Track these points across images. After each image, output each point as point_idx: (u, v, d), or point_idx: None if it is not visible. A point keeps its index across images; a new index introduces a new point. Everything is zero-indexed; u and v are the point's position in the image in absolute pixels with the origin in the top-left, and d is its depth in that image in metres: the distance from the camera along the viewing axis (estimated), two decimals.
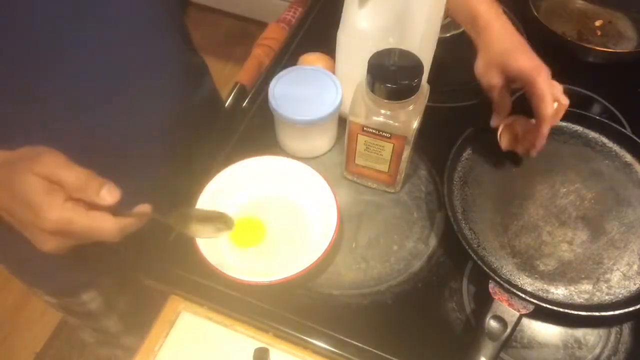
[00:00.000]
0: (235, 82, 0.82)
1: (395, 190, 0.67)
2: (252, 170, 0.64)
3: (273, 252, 0.61)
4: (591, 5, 0.90)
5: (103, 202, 0.43)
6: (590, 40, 0.84)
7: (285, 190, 0.65)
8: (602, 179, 0.67)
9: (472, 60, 0.66)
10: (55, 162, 0.43)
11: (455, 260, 0.62)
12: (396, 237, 0.64)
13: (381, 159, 0.62)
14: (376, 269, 0.61)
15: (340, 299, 0.59)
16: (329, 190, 0.62)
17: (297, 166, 0.64)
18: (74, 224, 0.42)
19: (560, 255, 0.61)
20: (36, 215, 0.42)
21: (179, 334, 0.58)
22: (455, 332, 0.57)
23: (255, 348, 0.55)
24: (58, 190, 0.42)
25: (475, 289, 0.60)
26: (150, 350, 0.57)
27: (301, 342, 0.56)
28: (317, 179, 0.63)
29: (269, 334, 0.58)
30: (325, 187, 0.62)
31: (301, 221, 0.63)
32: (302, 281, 0.58)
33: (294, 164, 0.64)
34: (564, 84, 0.80)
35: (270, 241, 0.62)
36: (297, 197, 0.65)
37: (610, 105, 0.78)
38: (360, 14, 0.59)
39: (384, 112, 0.57)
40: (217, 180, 0.62)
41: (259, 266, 0.59)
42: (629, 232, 0.62)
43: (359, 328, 0.57)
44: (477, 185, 0.67)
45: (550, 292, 0.58)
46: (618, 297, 0.58)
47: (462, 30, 0.85)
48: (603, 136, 0.70)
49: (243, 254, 0.61)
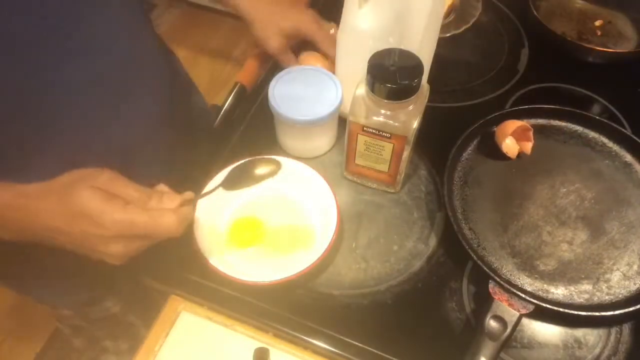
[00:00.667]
0: (235, 82, 0.82)
1: (395, 190, 0.67)
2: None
3: (273, 252, 0.61)
4: (591, 5, 0.90)
5: (167, 206, 0.45)
6: (590, 40, 0.84)
7: (285, 190, 0.65)
8: (602, 179, 0.67)
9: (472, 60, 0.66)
10: (113, 178, 0.44)
11: (455, 260, 0.62)
12: (396, 237, 0.64)
13: (381, 159, 0.62)
14: (376, 269, 0.61)
15: (340, 299, 0.59)
16: (329, 190, 0.62)
17: (297, 166, 0.64)
18: (136, 224, 0.43)
19: (560, 255, 0.61)
20: (97, 223, 0.42)
21: (179, 334, 0.58)
22: (455, 332, 0.57)
23: (255, 348, 0.55)
24: (117, 197, 0.43)
25: (475, 289, 0.60)
26: (150, 350, 0.57)
27: (301, 342, 0.56)
28: (317, 179, 0.63)
29: (269, 334, 0.58)
30: (325, 187, 0.62)
31: (301, 221, 0.63)
32: (302, 281, 0.58)
33: (294, 164, 0.64)
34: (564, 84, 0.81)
35: (270, 241, 0.62)
36: (297, 197, 0.65)
37: (610, 105, 0.78)
38: (360, 14, 0.59)
39: (384, 112, 0.57)
40: (217, 180, 0.62)
41: (259, 266, 0.59)
42: (629, 232, 0.62)
43: (359, 328, 0.57)
44: (477, 185, 0.67)
45: (550, 292, 0.58)
46: (618, 297, 0.58)
47: (462, 30, 0.86)
48: (603, 136, 0.70)
49: (243, 254, 0.61)
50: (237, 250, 0.61)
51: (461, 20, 0.87)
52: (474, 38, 0.87)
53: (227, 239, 0.61)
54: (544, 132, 0.71)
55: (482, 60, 0.84)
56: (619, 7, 0.88)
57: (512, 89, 0.80)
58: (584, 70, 0.82)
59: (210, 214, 0.60)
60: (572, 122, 0.71)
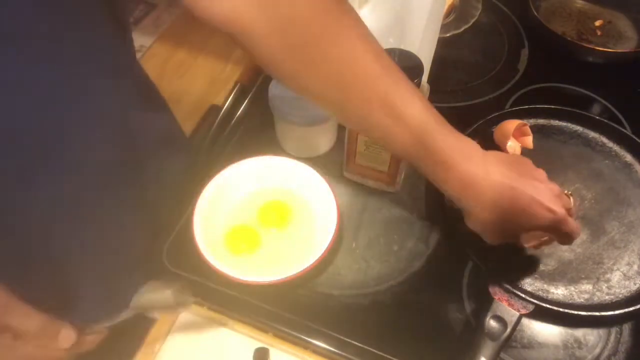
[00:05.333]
0: (235, 82, 0.82)
1: (395, 190, 0.67)
2: (252, 170, 0.64)
3: (273, 252, 0.61)
4: (591, 5, 0.90)
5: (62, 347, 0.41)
6: (590, 40, 0.84)
7: (285, 190, 0.65)
8: (602, 179, 0.67)
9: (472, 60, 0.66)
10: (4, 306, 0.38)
11: (455, 260, 0.62)
12: (396, 237, 0.64)
13: (381, 158, 0.62)
14: (376, 269, 0.61)
15: (340, 299, 0.59)
16: (329, 190, 0.62)
17: (297, 166, 0.64)
18: None
19: (560, 255, 0.61)
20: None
21: (179, 334, 0.58)
22: (455, 332, 0.57)
23: (255, 348, 0.55)
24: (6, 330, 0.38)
25: (475, 289, 0.60)
26: (150, 350, 0.57)
27: (301, 342, 0.56)
28: (317, 179, 0.63)
29: (269, 334, 0.58)
30: (325, 187, 0.62)
31: (301, 221, 0.63)
32: (302, 281, 0.58)
33: (294, 163, 0.64)
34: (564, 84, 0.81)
35: (269, 241, 0.61)
36: (297, 197, 0.65)
37: (610, 105, 0.78)
38: (360, 14, 0.59)
39: None
40: (217, 180, 0.62)
41: (258, 266, 0.59)
42: (629, 232, 0.62)
43: (359, 328, 0.57)
44: None
45: (550, 292, 0.58)
46: (618, 297, 0.58)
47: (462, 30, 0.86)
48: (603, 136, 0.70)
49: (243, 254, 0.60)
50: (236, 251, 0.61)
51: (461, 20, 0.87)
52: (474, 38, 0.87)
53: (227, 240, 0.61)
54: (544, 132, 0.71)
55: (482, 60, 0.84)
56: (619, 7, 0.89)
57: (512, 89, 0.80)
58: (584, 70, 0.82)
59: (210, 214, 0.60)
60: (572, 122, 0.71)
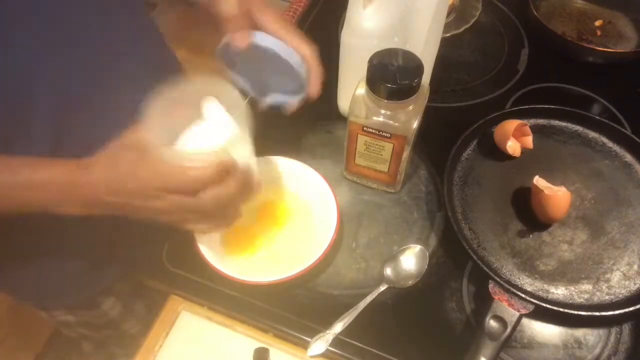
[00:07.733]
0: None
1: (395, 190, 0.67)
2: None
3: (273, 252, 0.61)
4: (591, 5, 0.90)
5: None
6: (590, 40, 0.84)
7: (285, 190, 0.65)
8: (602, 179, 0.67)
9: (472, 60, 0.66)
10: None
11: (455, 260, 0.62)
12: (396, 237, 0.64)
13: (381, 159, 0.62)
14: (376, 269, 0.61)
15: (340, 299, 0.59)
16: (329, 190, 0.62)
17: (297, 166, 0.64)
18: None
19: (560, 255, 0.61)
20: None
21: (179, 334, 0.58)
22: (455, 332, 0.57)
23: (255, 348, 0.55)
24: None
25: (475, 289, 0.60)
26: (150, 350, 0.57)
27: (301, 342, 0.56)
28: (317, 179, 0.63)
29: (269, 334, 0.58)
30: (325, 187, 0.62)
31: (301, 221, 0.63)
32: (302, 281, 0.58)
33: (294, 164, 0.64)
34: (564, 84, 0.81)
35: (269, 241, 0.61)
36: (297, 197, 0.64)
37: (610, 105, 0.78)
38: (365, 13, 0.59)
39: (384, 112, 0.57)
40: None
41: (258, 266, 0.59)
42: (629, 232, 0.62)
43: (359, 328, 0.57)
44: (477, 185, 0.67)
45: (550, 292, 0.58)
46: (618, 297, 0.58)
47: (462, 30, 0.86)
48: (603, 136, 0.70)
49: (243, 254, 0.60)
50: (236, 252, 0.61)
51: (461, 20, 0.87)
52: (474, 38, 0.87)
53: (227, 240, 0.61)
54: (544, 132, 0.71)
55: (482, 60, 0.84)
56: (619, 7, 0.89)
57: (512, 89, 0.80)
58: (584, 70, 0.82)
59: None
60: (572, 122, 0.71)
